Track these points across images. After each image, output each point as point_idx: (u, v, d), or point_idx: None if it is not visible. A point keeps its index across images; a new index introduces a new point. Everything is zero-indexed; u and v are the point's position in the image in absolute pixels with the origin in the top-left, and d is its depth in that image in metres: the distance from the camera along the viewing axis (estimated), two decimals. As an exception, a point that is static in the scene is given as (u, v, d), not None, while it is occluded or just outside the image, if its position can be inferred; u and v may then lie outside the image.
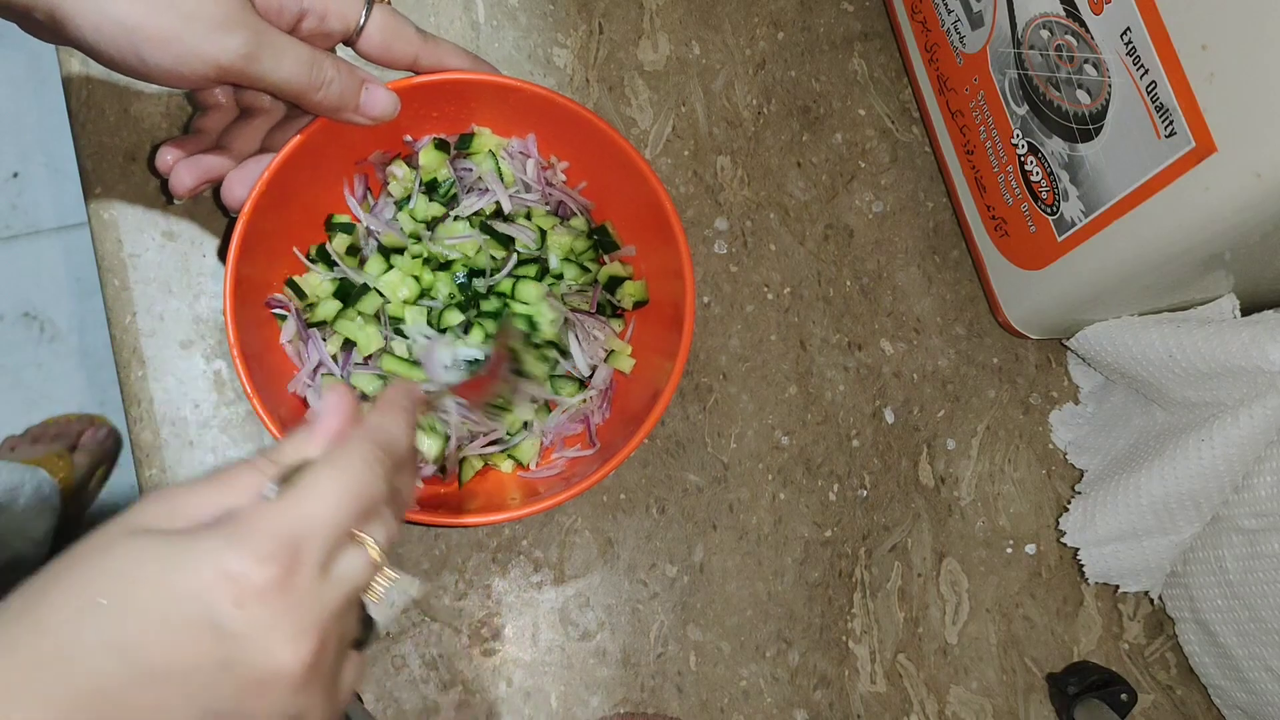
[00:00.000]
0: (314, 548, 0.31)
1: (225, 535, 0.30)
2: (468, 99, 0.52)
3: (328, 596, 0.31)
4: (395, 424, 0.36)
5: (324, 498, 0.32)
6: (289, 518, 0.31)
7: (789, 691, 0.55)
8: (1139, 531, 0.55)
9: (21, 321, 1.38)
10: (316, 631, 0.31)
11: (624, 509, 0.56)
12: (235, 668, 0.30)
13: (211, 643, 0.29)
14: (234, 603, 0.29)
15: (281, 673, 0.30)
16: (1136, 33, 0.44)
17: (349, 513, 0.32)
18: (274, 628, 0.30)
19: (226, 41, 0.41)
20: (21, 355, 1.37)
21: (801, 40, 0.64)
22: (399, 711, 0.51)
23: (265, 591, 0.30)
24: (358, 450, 0.34)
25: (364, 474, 0.33)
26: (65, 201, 1.42)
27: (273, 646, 0.30)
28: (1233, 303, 0.53)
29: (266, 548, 0.30)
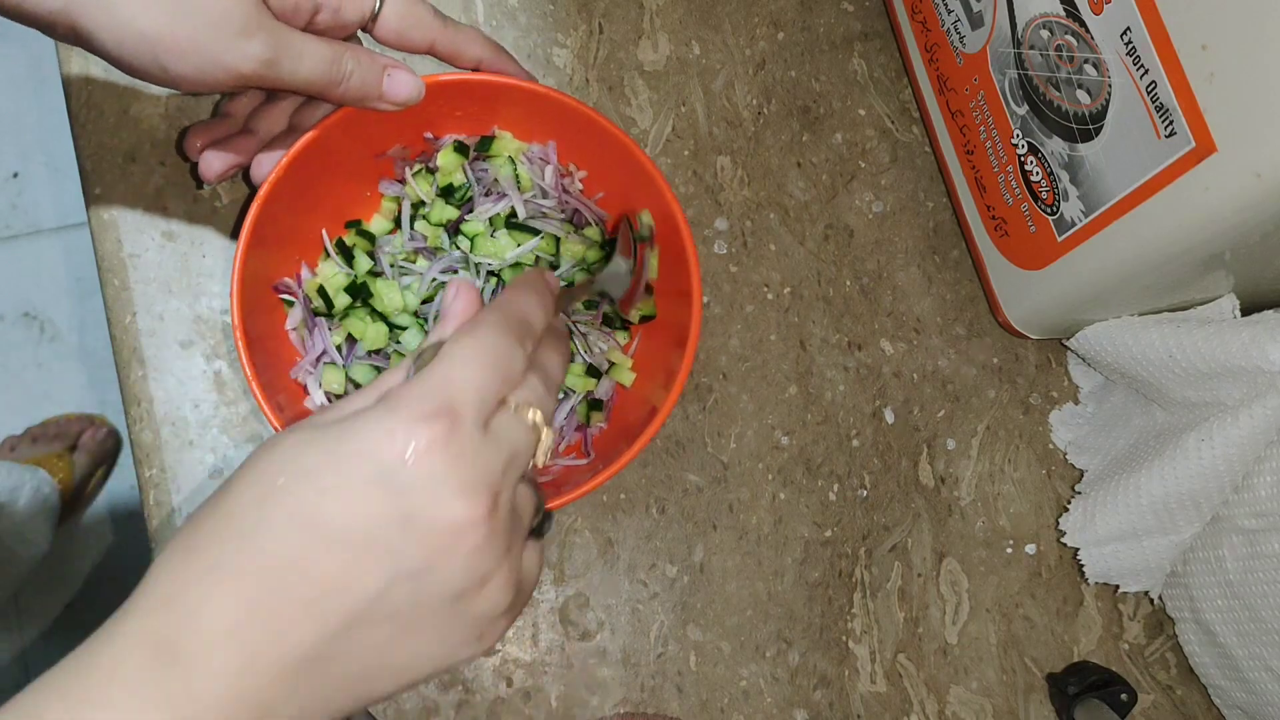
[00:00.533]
0: (469, 405, 0.32)
1: (385, 405, 0.31)
2: (492, 101, 0.52)
3: (492, 454, 0.32)
4: (525, 299, 0.37)
5: (465, 361, 0.32)
6: (436, 382, 0.32)
7: (789, 691, 0.55)
8: (1139, 531, 0.55)
9: (21, 321, 1.38)
10: (487, 488, 0.31)
11: (624, 509, 0.56)
12: (415, 524, 0.30)
13: (387, 500, 0.30)
14: (403, 459, 0.30)
15: (461, 526, 0.31)
16: (1136, 33, 0.44)
17: (492, 376, 0.33)
18: (445, 481, 0.30)
19: (246, 49, 0.41)
20: (21, 355, 1.37)
21: (801, 40, 0.64)
22: (399, 711, 0.51)
23: (431, 446, 0.30)
24: (488, 319, 0.34)
25: (497, 340, 0.34)
26: (65, 201, 1.42)
27: (447, 500, 0.30)
28: (1233, 303, 0.53)
29: (424, 408, 0.31)
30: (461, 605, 0.32)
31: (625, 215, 0.52)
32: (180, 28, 0.39)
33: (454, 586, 0.31)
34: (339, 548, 0.30)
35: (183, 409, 0.53)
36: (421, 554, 0.30)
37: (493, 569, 0.32)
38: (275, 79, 0.42)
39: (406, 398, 0.31)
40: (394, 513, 0.30)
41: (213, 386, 0.54)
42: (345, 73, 0.44)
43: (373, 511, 0.30)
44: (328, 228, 0.53)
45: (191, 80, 0.41)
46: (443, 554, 0.31)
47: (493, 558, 0.32)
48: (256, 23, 0.41)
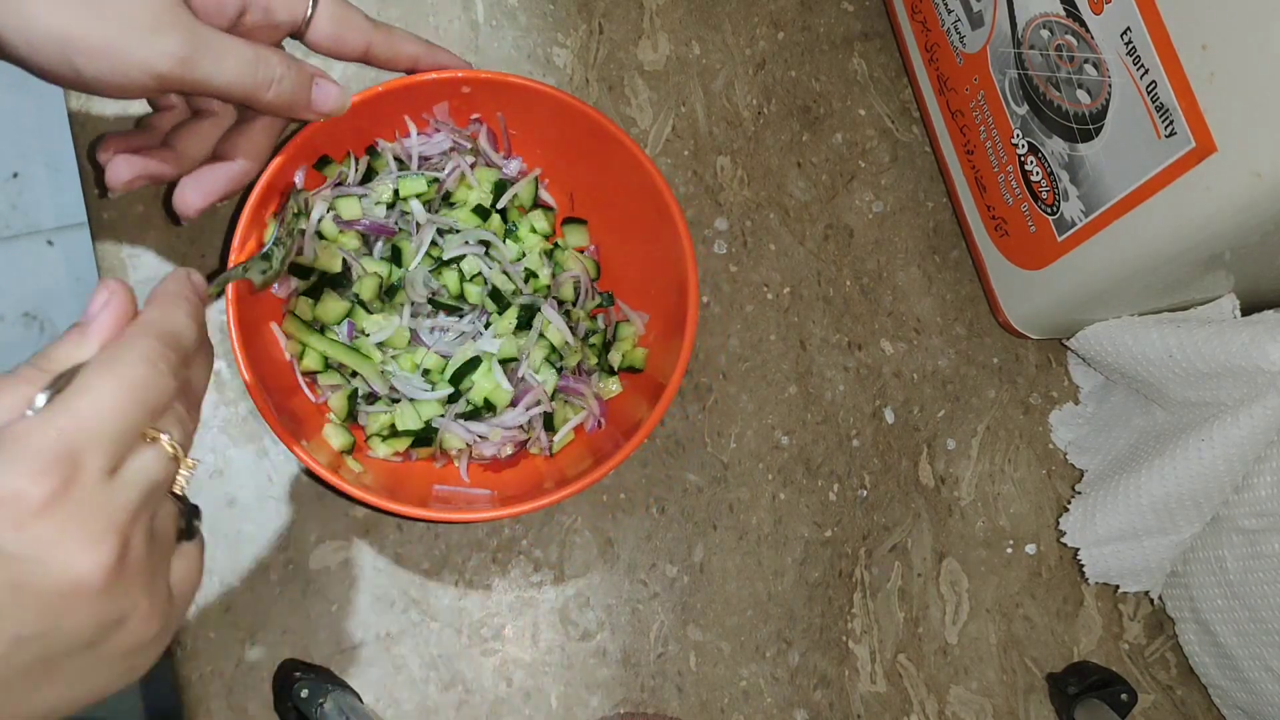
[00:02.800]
0: (96, 452, 0.30)
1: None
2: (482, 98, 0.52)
3: (120, 498, 0.30)
4: (176, 314, 0.34)
5: (100, 400, 0.30)
6: (63, 426, 0.29)
7: (789, 691, 0.55)
8: (1139, 531, 0.55)
9: (21, 321, 1.38)
10: (114, 534, 0.30)
11: (624, 509, 0.56)
12: (30, 590, 0.28)
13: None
14: (13, 526, 0.28)
15: (83, 582, 0.29)
16: (1136, 32, 0.44)
17: (132, 413, 0.31)
18: (63, 540, 0.29)
19: (160, 45, 0.39)
20: (21, 355, 1.37)
21: (801, 40, 0.64)
22: (399, 711, 0.51)
23: (45, 507, 0.28)
24: (136, 347, 0.32)
25: (145, 372, 0.31)
26: (65, 201, 1.42)
27: (67, 559, 0.29)
28: (1233, 303, 0.53)
29: (40, 462, 0.29)
30: (99, 650, 0.31)
31: (288, 194, 0.50)
32: (90, 25, 0.38)
33: (85, 636, 0.30)
34: None
35: (183, 409, 0.53)
36: (38, 618, 0.29)
37: (129, 607, 0.31)
38: (196, 80, 0.40)
39: (23, 449, 0.29)
40: (5, 581, 0.28)
41: (212, 386, 0.54)
42: (273, 77, 0.42)
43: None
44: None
45: (108, 83, 0.39)
46: (65, 613, 0.29)
47: (128, 597, 0.30)
48: (171, 20, 0.39)
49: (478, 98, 0.52)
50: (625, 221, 0.54)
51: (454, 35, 0.60)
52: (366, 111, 0.49)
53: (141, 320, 0.34)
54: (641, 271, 0.54)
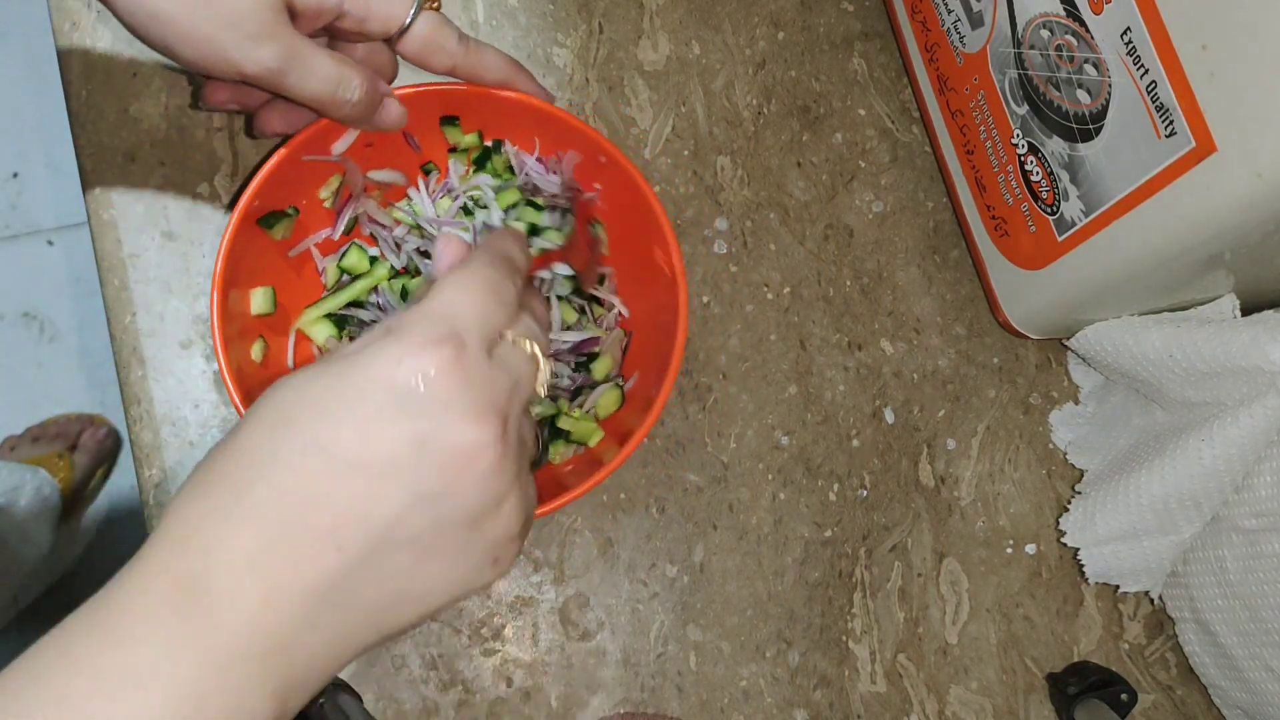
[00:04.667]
0: (473, 331, 0.32)
1: (389, 336, 0.31)
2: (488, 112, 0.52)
3: (498, 379, 0.32)
4: (508, 243, 0.38)
5: (464, 289, 0.33)
6: (439, 309, 0.32)
7: (789, 691, 0.55)
8: (1139, 531, 0.55)
9: (21, 321, 1.38)
10: (496, 411, 0.32)
11: (624, 509, 0.56)
12: (430, 447, 0.30)
13: (401, 425, 0.30)
14: (415, 383, 0.30)
15: (475, 449, 0.31)
16: (1136, 32, 0.44)
17: (490, 302, 0.34)
18: (457, 404, 0.31)
19: (256, 54, 0.40)
20: (21, 355, 1.37)
21: (801, 40, 0.64)
22: (399, 711, 0.51)
23: (440, 370, 0.31)
24: (478, 255, 0.35)
25: (491, 272, 0.35)
26: (65, 201, 1.42)
27: (460, 423, 0.31)
28: (1233, 303, 0.53)
29: (430, 334, 0.31)
30: (478, 528, 0.32)
31: (578, 197, 0.53)
32: (196, 17, 0.39)
33: (471, 509, 0.31)
34: (355, 475, 0.30)
35: (183, 409, 0.53)
36: (438, 477, 0.31)
37: (506, 490, 0.32)
38: (278, 87, 0.42)
39: (411, 325, 0.31)
40: (408, 437, 0.30)
41: (213, 386, 0.54)
42: (350, 99, 0.44)
43: (386, 437, 0.30)
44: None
45: (195, 65, 0.41)
46: (459, 476, 0.31)
47: (505, 480, 0.32)
48: (271, 31, 0.41)
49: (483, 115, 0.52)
50: (617, 233, 0.54)
51: (454, 35, 0.60)
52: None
53: (480, 244, 0.37)
54: (632, 279, 0.54)
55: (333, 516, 0.30)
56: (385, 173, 0.54)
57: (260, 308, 0.50)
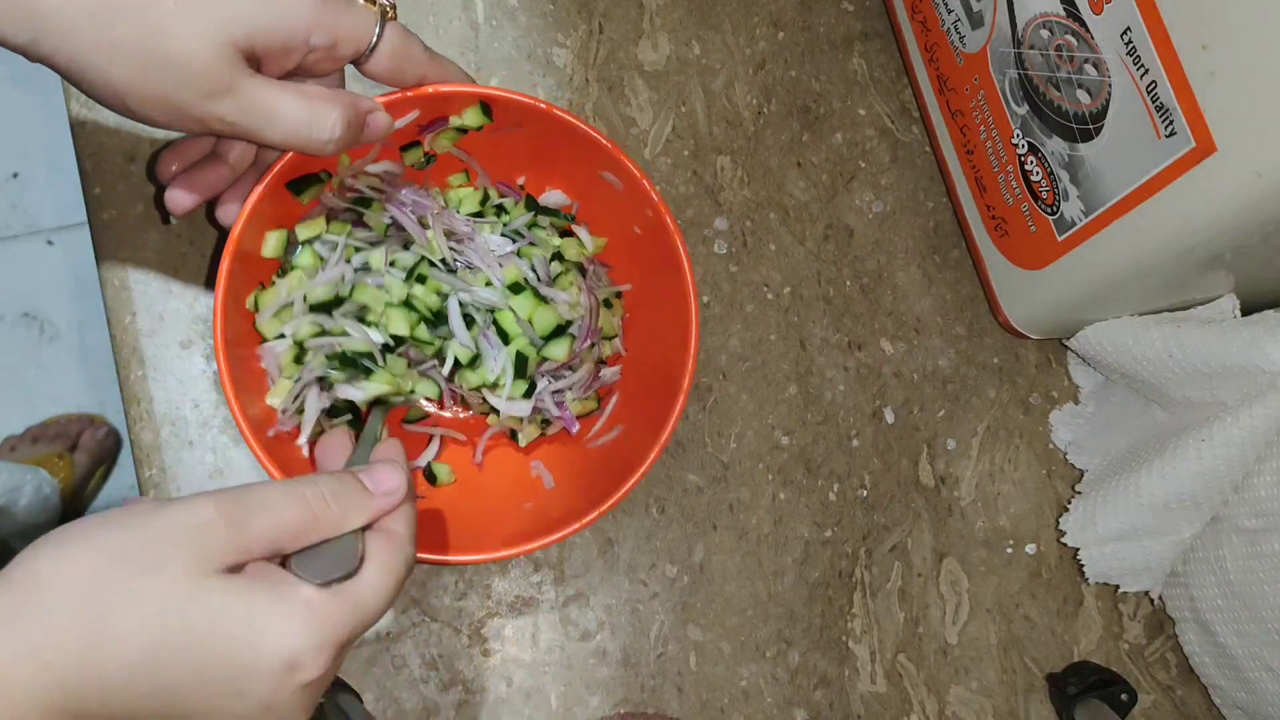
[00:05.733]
0: (354, 636, 0.36)
1: (300, 620, 0.34)
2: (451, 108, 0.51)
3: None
4: (411, 514, 0.40)
5: (381, 606, 0.37)
6: (353, 623, 0.35)
7: (789, 691, 0.55)
8: (1139, 531, 0.55)
9: (21, 321, 1.38)
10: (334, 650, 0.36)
11: (624, 509, 0.56)
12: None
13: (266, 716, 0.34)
14: (289, 692, 0.34)
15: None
16: (1136, 32, 0.44)
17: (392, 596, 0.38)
18: (304, 700, 0.35)
19: (216, 110, 0.40)
20: (21, 355, 1.37)
21: (801, 40, 0.64)
22: (399, 711, 0.51)
23: (320, 681, 0.35)
24: (406, 553, 0.38)
25: (404, 574, 0.38)
26: (65, 201, 1.42)
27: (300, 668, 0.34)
28: (1233, 302, 0.53)
29: (325, 641, 0.34)
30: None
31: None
32: (148, 83, 0.39)
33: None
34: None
35: (183, 409, 0.53)
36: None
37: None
38: (247, 138, 0.42)
39: (322, 626, 0.34)
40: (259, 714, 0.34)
41: (213, 386, 0.54)
42: (327, 137, 0.43)
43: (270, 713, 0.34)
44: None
45: (161, 124, 0.41)
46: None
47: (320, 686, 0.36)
48: (228, 85, 0.40)
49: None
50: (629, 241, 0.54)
51: (454, 35, 0.60)
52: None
53: (404, 531, 0.39)
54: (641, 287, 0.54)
55: None
56: (383, 164, 0.54)
57: (273, 251, 0.49)
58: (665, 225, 0.50)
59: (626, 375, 0.54)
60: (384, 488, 0.38)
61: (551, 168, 0.54)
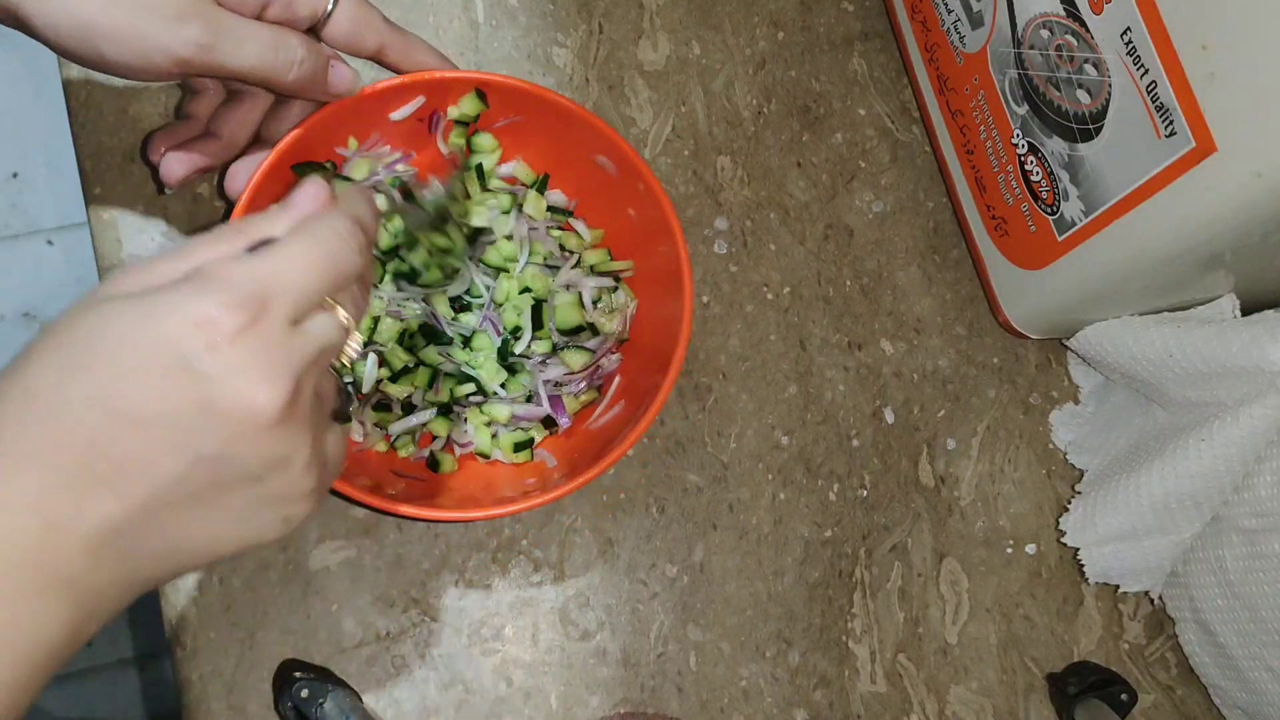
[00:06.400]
0: (284, 300, 0.32)
1: (194, 285, 0.31)
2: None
3: (298, 346, 0.33)
4: (362, 205, 0.37)
5: (295, 259, 0.33)
6: (258, 271, 0.32)
7: (789, 691, 0.55)
8: (1139, 531, 0.55)
9: (21, 321, 1.38)
10: (289, 376, 0.32)
11: (624, 509, 0.56)
12: (214, 410, 0.31)
13: (188, 386, 0.30)
14: (206, 346, 0.30)
15: (259, 412, 0.31)
16: (1136, 32, 0.44)
17: (320, 275, 0.34)
18: (246, 369, 0.31)
19: (182, 32, 0.40)
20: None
21: (801, 40, 0.64)
22: (399, 711, 0.51)
23: (235, 335, 0.31)
24: (332, 222, 0.35)
25: (337, 245, 0.35)
26: (65, 201, 1.42)
27: (247, 387, 0.31)
28: (1233, 302, 0.53)
29: (235, 296, 0.31)
30: (261, 487, 0.33)
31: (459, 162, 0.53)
32: (115, 12, 0.39)
33: (252, 469, 0.32)
34: (137, 431, 0.30)
35: (183, 409, 0.53)
36: (219, 439, 0.31)
37: (291, 452, 0.33)
38: (218, 65, 0.42)
39: (220, 281, 0.32)
40: (193, 399, 0.31)
41: (213, 386, 0.54)
42: (293, 59, 0.44)
43: (172, 397, 0.30)
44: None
45: (131, 66, 0.41)
46: (241, 439, 0.31)
47: (292, 441, 0.33)
48: (194, 8, 0.41)
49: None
50: (624, 226, 0.54)
51: (454, 35, 0.60)
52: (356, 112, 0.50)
53: (339, 203, 0.37)
54: (639, 268, 0.55)
55: (114, 468, 0.30)
56: (395, 155, 0.54)
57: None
58: (658, 198, 0.51)
59: (627, 357, 0.55)
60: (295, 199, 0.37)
61: (549, 159, 0.54)
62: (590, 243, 0.55)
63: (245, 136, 0.50)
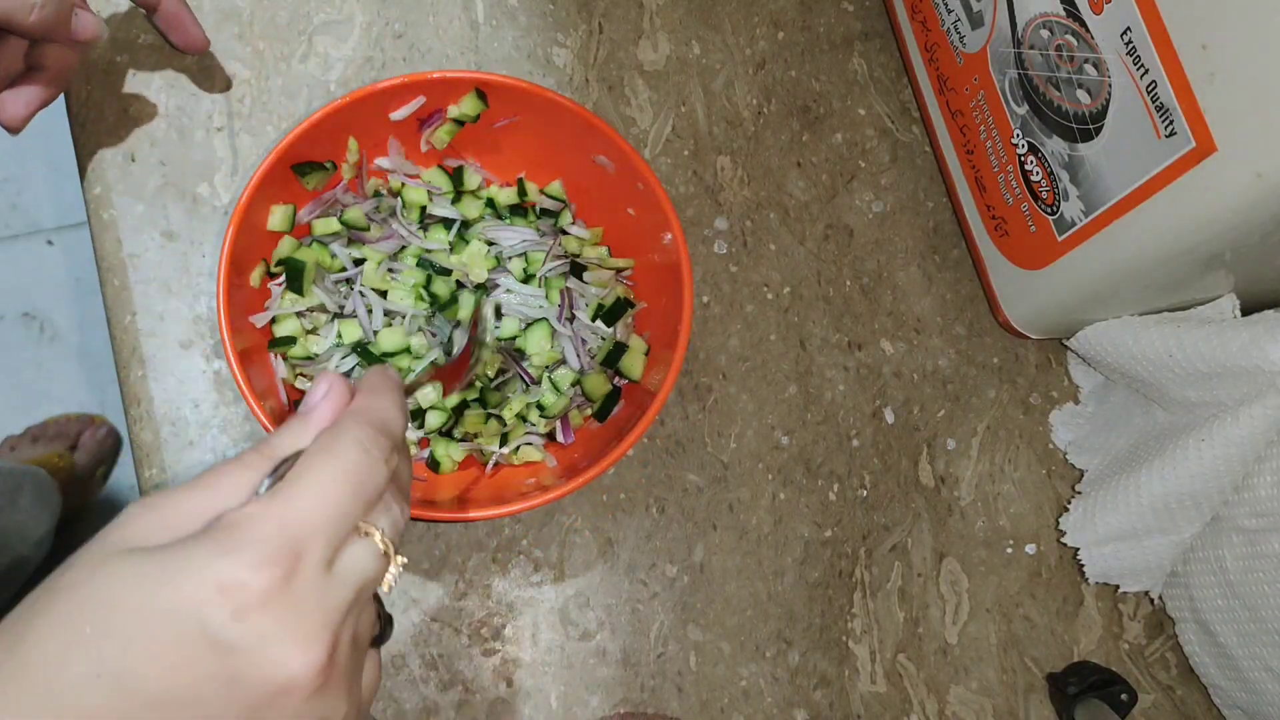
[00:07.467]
0: (316, 545, 0.29)
1: (216, 542, 0.28)
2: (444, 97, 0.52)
3: (336, 595, 0.29)
4: (387, 404, 0.33)
5: (321, 488, 0.29)
6: (285, 515, 0.28)
7: (789, 691, 0.55)
8: (1139, 531, 0.55)
9: (21, 321, 1.38)
10: (328, 633, 0.28)
11: (624, 509, 0.56)
12: (245, 684, 0.27)
13: (213, 661, 0.27)
14: (233, 615, 0.27)
15: (296, 682, 0.28)
16: (1136, 32, 0.44)
17: (349, 503, 0.30)
18: (281, 636, 0.27)
19: None
20: (21, 355, 1.37)
21: (801, 40, 0.64)
22: (399, 711, 0.51)
23: (266, 599, 0.27)
24: (351, 433, 0.31)
25: (360, 459, 0.30)
26: (65, 201, 1.42)
27: (282, 656, 0.27)
28: (1233, 302, 0.53)
29: (263, 551, 0.27)
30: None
31: (478, 306, 0.52)
32: None
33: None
34: (153, 714, 0.27)
35: (183, 409, 0.53)
36: (251, 714, 0.28)
37: (329, 711, 0.29)
38: None
39: (246, 537, 0.28)
40: (219, 674, 0.27)
41: (213, 386, 0.54)
42: (33, 4, 0.43)
43: (194, 675, 0.27)
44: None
45: None
46: (275, 710, 0.28)
47: (330, 703, 0.29)
48: None
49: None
50: (623, 225, 0.54)
51: (454, 35, 0.60)
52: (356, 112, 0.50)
53: (354, 408, 0.33)
54: (638, 270, 0.55)
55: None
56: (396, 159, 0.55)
57: (278, 224, 0.51)
58: (658, 197, 0.51)
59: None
60: (308, 403, 0.33)
61: (549, 161, 0.55)
62: (591, 241, 0.55)
63: (15, 65, 0.48)
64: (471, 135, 0.54)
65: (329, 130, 0.50)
